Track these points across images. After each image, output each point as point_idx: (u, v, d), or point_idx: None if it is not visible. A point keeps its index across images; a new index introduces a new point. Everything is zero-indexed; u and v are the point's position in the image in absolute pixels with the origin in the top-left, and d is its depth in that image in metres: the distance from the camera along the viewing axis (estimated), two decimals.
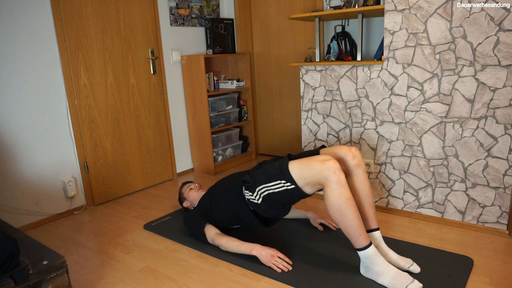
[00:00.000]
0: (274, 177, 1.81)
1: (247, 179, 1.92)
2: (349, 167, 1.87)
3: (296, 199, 1.86)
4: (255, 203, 1.90)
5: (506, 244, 2.03)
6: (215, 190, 2.21)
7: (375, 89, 2.38)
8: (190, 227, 2.20)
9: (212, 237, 2.06)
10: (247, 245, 1.95)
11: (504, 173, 2.05)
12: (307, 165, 1.73)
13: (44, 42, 2.53)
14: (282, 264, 1.86)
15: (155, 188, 3.26)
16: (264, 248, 1.92)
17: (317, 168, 1.68)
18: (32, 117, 2.52)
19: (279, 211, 1.92)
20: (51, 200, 2.66)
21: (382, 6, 2.24)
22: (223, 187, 2.15)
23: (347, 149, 1.88)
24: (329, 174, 1.65)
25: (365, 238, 1.67)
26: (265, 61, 3.83)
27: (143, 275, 1.93)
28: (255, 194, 1.88)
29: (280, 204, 1.86)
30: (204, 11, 3.58)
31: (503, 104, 1.98)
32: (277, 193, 1.81)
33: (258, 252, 1.90)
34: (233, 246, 1.98)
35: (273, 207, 1.87)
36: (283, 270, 1.84)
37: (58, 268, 1.48)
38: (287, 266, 1.85)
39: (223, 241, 2.01)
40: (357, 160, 1.87)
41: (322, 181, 1.67)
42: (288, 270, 1.84)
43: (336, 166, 1.66)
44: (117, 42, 2.93)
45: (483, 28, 1.96)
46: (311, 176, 1.70)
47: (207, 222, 2.14)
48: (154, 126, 3.27)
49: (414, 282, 1.62)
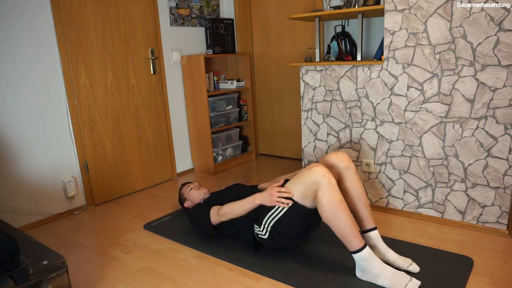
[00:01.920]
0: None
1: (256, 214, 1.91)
2: (340, 171, 1.89)
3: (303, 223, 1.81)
4: (262, 238, 1.90)
5: (506, 244, 2.03)
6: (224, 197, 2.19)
7: (375, 89, 2.38)
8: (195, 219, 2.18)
9: (216, 213, 2.04)
10: (248, 199, 1.92)
11: (504, 173, 2.05)
12: (298, 178, 1.75)
13: (44, 42, 2.53)
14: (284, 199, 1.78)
15: (155, 188, 3.26)
16: (262, 193, 1.88)
17: (306, 176, 1.70)
18: (32, 117, 2.52)
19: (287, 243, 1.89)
20: (51, 200, 2.66)
21: (382, 6, 2.24)
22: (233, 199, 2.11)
23: (335, 155, 1.93)
24: (318, 177, 1.66)
25: (359, 240, 1.67)
26: (265, 61, 3.83)
27: (143, 275, 1.93)
28: (262, 227, 1.87)
29: (288, 236, 1.83)
30: (204, 11, 3.58)
31: (503, 104, 1.98)
32: (282, 219, 1.79)
33: (261, 199, 1.87)
34: (237, 207, 1.96)
35: (280, 241, 1.85)
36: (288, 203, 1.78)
37: (58, 268, 1.48)
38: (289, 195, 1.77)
39: (226, 209, 1.99)
40: (346, 163, 1.90)
41: (313, 188, 1.68)
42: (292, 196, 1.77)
43: (324, 170, 1.68)
44: (117, 42, 2.93)
45: (483, 28, 1.96)
46: (304, 186, 1.72)
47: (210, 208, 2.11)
48: (154, 126, 3.27)
49: (412, 280, 1.62)
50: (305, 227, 1.83)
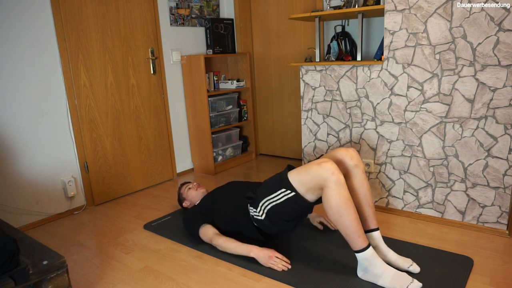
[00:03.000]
0: (275, 187, 1.81)
1: (250, 195, 1.92)
2: (348, 168, 1.87)
3: (300, 212, 1.83)
4: (258, 219, 1.90)
5: (506, 244, 2.03)
6: (219, 196, 2.20)
7: (375, 89, 2.38)
8: (186, 224, 2.21)
9: (210, 237, 2.06)
10: (245, 246, 1.95)
11: (504, 173, 2.05)
12: (305, 170, 1.73)
13: (44, 42, 2.53)
14: (281, 264, 1.85)
15: (155, 188, 3.26)
16: (261, 249, 1.91)
17: (314, 170, 1.68)
18: (32, 117, 2.52)
19: (283, 227, 1.89)
20: (51, 200, 2.66)
21: (382, 6, 2.24)
22: (228, 197, 2.14)
23: (345, 151, 1.89)
24: (328, 175, 1.64)
25: (363, 240, 1.67)
26: (265, 61, 3.83)
27: (143, 275, 1.93)
28: (258, 209, 1.88)
29: (283, 219, 1.84)
30: (204, 11, 3.58)
31: (503, 104, 1.98)
32: (279, 205, 1.79)
33: (256, 254, 1.90)
34: (231, 247, 1.97)
35: (276, 223, 1.86)
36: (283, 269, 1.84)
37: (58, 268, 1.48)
38: (286, 266, 1.85)
39: (221, 241, 2.01)
40: (356, 161, 1.87)
41: (321, 183, 1.67)
42: (288, 269, 1.84)
43: (334, 167, 1.66)
44: (117, 42, 2.93)
45: (483, 28, 1.96)
46: (310, 180, 1.70)
47: (206, 222, 2.13)
48: (154, 126, 3.27)
49: (414, 281, 1.62)
50: (300, 213, 1.85)
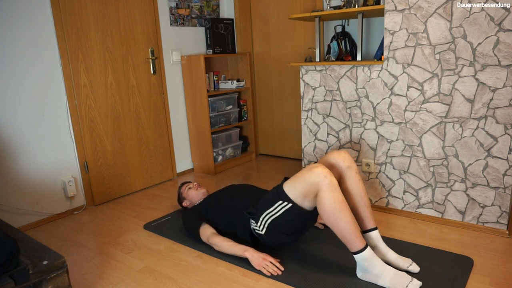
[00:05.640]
0: (273, 200, 1.82)
1: (252, 210, 1.92)
2: (341, 171, 1.89)
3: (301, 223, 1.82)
4: (259, 234, 1.90)
5: (506, 244, 2.03)
6: (222, 199, 2.20)
7: (375, 89, 2.38)
8: (186, 224, 2.22)
9: (207, 236, 2.07)
10: (241, 246, 1.95)
11: (504, 173, 2.05)
12: (298, 178, 1.74)
13: (44, 42, 2.53)
14: (272, 269, 1.84)
15: (155, 188, 3.26)
16: (257, 252, 1.91)
17: (307, 177, 1.69)
18: (32, 117, 2.52)
19: (283, 240, 1.89)
20: (51, 200, 2.66)
21: (382, 6, 2.24)
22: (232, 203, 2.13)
23: (337, 154, 1.91)
24: (320, 178, 1.65)
25: (361, 241, 1.67)
26: (265, 61, 3.83)
27: (143, 275, 1.93)
28: (259, 223, 1.88)
29: (284, 233, 1.83)
30: (204, 11, 3.58)
31: (503, 104, 1.98)
32: (279, 219, 1.79)
33: (251, 255, 1.90)
34: (226, 246, 1.98)
35: (277, 237, 1.86)
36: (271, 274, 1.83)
37: (58, 268, 1.48)
38: (276, 271, 1.84)
39: (217, 240, 2.02)
40: (348, 162, 1.89)
41: (314, 189, 1.67)
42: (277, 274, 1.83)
43: (325, 171, 1.67)
44: (117, 42, 2.93)
45: (483, 28, 1.96)
46: (304, 187, 1.70)
47: (205, 222, 2.14)
48: (154, 126, 3.27)
49: (414, 280, 1.62)
50: (302, 225, 1.84)
